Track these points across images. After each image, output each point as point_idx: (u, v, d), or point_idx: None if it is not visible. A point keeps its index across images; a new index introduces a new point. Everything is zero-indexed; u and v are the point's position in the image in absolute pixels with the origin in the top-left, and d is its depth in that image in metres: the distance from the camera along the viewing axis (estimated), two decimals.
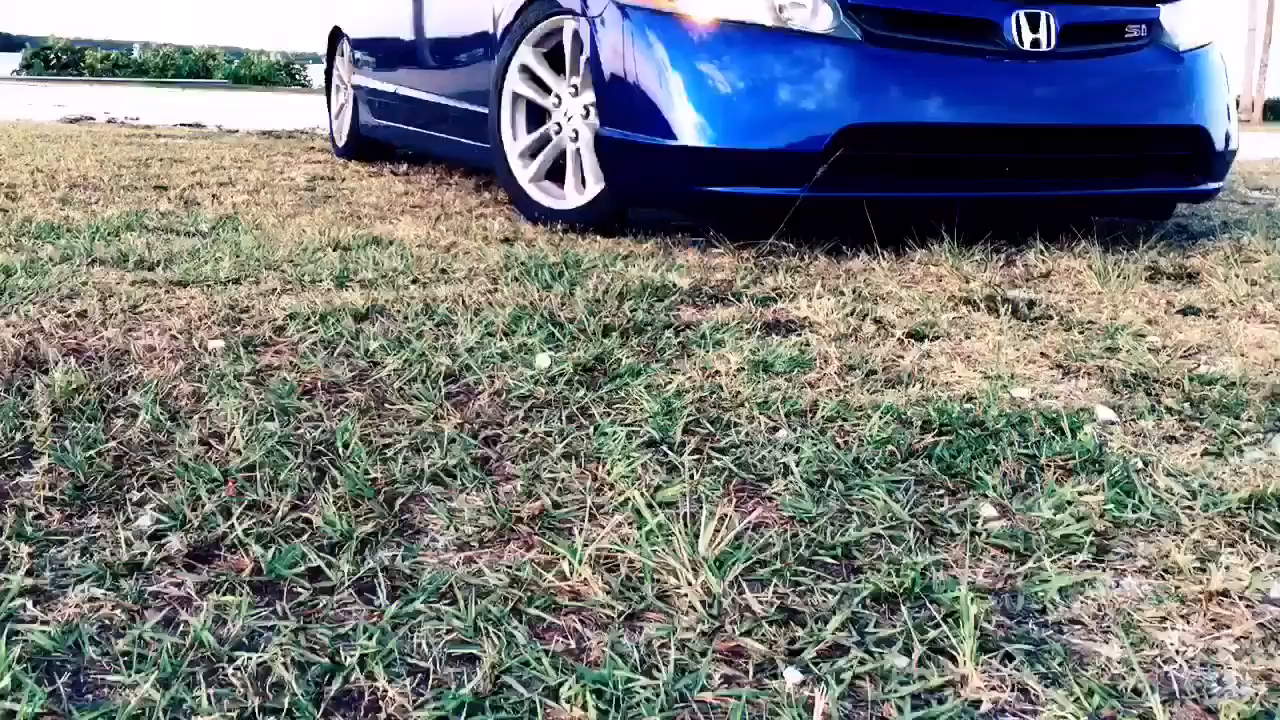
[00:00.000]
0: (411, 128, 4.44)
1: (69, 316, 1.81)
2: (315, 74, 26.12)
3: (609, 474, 1.23)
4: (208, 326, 1.79)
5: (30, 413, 1.34)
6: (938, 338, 1.91)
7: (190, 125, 7.69)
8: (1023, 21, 2.73)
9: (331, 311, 1.92)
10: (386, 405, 1.45)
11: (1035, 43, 2.73)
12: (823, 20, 2.67)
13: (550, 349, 1.74)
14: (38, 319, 1.78)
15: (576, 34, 3.01)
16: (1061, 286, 2.41)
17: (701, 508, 1.14)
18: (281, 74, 26.35)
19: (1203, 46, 3.02)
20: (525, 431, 1.37)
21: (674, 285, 2.27)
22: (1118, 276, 2.46)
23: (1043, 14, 2.75)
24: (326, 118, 6.14)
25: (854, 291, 2.29)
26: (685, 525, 1.07)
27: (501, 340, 1.77)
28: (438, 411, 1.42)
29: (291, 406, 1.41)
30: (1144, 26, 2.93)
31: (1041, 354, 1.81)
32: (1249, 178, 5.91)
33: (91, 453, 1.22)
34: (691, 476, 1.23)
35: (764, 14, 2.68)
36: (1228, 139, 3.00)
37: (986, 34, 2.73)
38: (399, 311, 1.95)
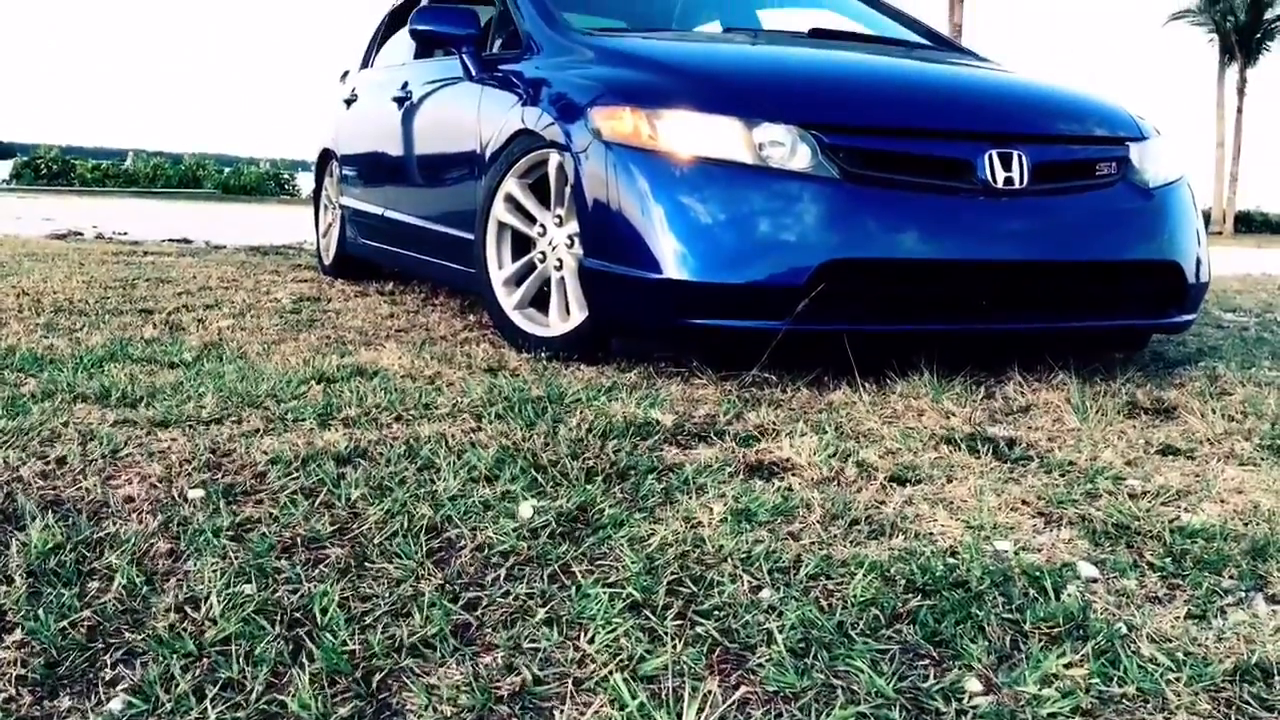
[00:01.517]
0: (397, 249, 4.50)
1: (49, 463, 1.80)
2: (304, 182, 26.51)
3: (591, 643, 1.22)
4: (188, 474, 1.78)
5: (5, 577, 1.33)
6: (920, 481, 1.92)
7: (178, 241, 7.76)
8: (995, 160, 2.80)
9: (314, 455, 1.91)
10: (366, 565, 1.43)
11: (1008, 180, 2.80)
12: (801, 159, 2.74)
13: (533, 496, 1.74)
14: (17, 466, 1.77)
15: (561, 167, 3.08)
16: (1041, 422, 2.43)
17: (684, 682, 1.12)
18: (270, 183, 26.72)
19: (1172, 182, 3.11)
20: (507, 594, 1.36)
21: (657, 422, 2.28)
22: (1096, 411, 2.49)
23: (1014, 153, 2.82)
24: (314, 233, 6.21)
25: (836, 428, 2.30)
26: (668, 706, 1.06)
27: (484, 487, 1.77)
28: (418, 571, 1.41)
29: (270, 567, 1.40)
30: (1113, 164, 3.01)
31: (1023, 501, 1.81)
32: (1222, 297, 6.01)
33: (65, 623, 1.20)
34: (674, 646, 1.22)
35: (744, 153, 2.75)
36: (1199, 272, 3.06)
37: (961, 172, 2.80)
38: (381, 454, 1.95)
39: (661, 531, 1.58)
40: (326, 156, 5.77)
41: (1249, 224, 37.70)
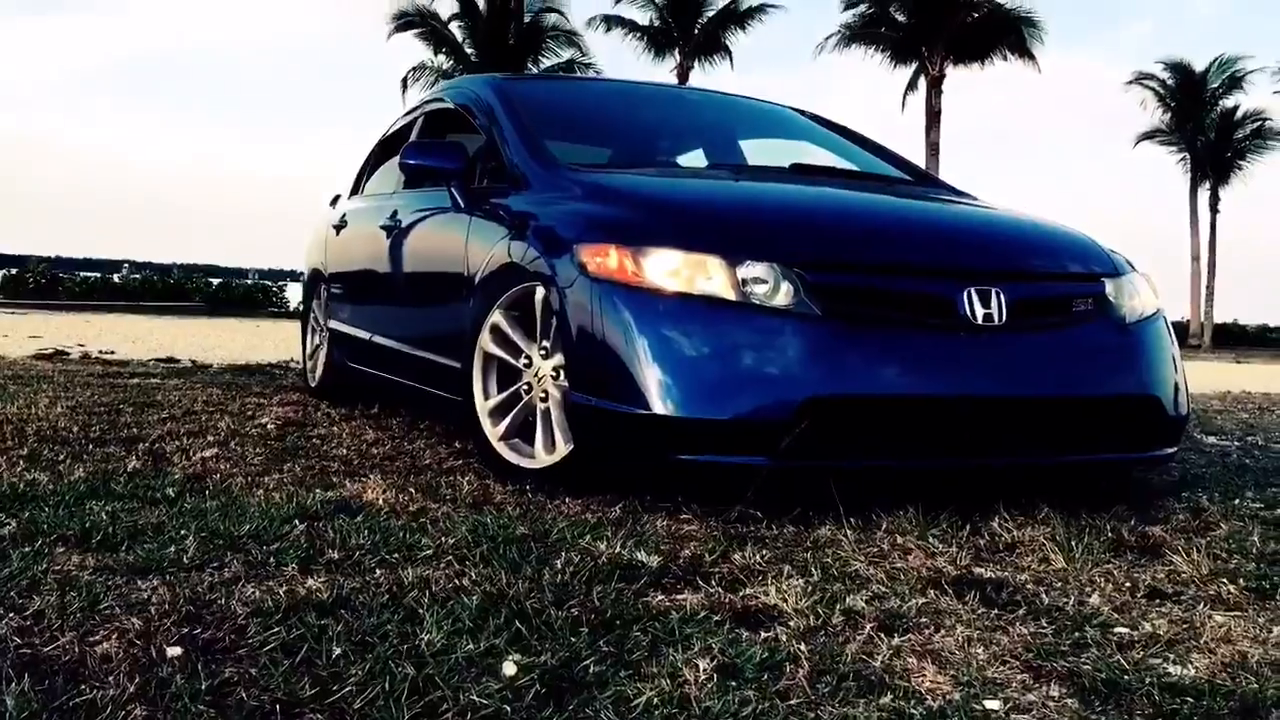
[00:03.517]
0: (384, 374, 4.53)
1: (26, 618, 1.78)
2: (292, 293, 26.72)
3: None
4: (167, 629, 1.75)
5: None
6: (907, 631, 1.91)
7: (164, 360, 7.77)
8: (974, 297, 2.86)
9: (295, 605, 1.89)
10: None
11: (987, 317, 2.85)
12: (784, 296, 2.79)
13: (517, 650, 1.72)
14: None
15: (547, 300, 3.12)
16: (1027, 562, 2.43)
17: None
18: (258, 295, 26.90)
19: (1149, 317, 3.16)
20: None
21: (642, 565, 2.26)
22: (1082, 550, 2.49)
23: (992, 290, 2.88)
24: (300, 353, 6.24)
25: (822, 569, 2.29)
26: None
27: (468, 641, 1.75)
28: None
29: None
30: (1090, 300, 3.07)
31: (1011, 653, 1.80)
32: (1203, 418, 6.06)
33: None
34: None
35: (728, 290, 2.79)
36: (1179, 405, 3.09)
37: (941, 309, 2.84)
38: (363, 604, 1.93)
39: (647, 692, 1.56)
40: (316, 279, 5.83)
41: (1227, 336, 38.22)
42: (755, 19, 31.99)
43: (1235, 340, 38.54)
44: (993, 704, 1.57)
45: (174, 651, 1.65)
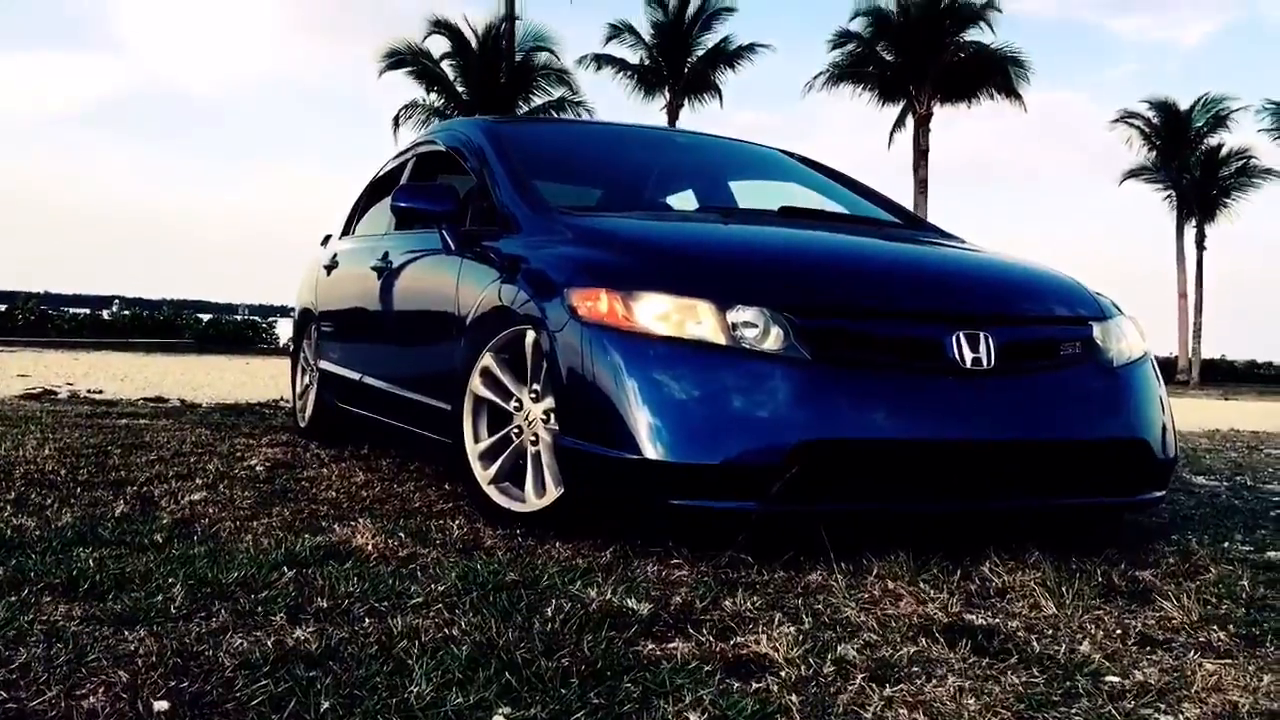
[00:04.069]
0: (375, 415, 4.52)
1: (12, 671, 1.76)
2: (282, 329, 26.71)
3: None
4: (154, 681, 1.74)
5: None
6: (899, 681, 1.90)
7: (152, 400, 7.74)
8: (963, 341, 2.87)
9: (283, 656, 1.88)
10: None
11: (976, 361, 2.86)
12: (774, 341, 2.80)
13: (507, 703, 1.71)
14: None
15: (537, 343, 3.12)
16: (1018, 608, 2.43)
17: None
18: (248, 332, 26.86)
19: (1137, 360, 3.18)
20: None
21: (632, 612, 2.26)
22: (1073, 596, 2.49)
23: (981, 334, 2.89)
24: (290, 392, 6.22)
25: (813, 616, 2.28)
26: None
27: (457, 694, 1.74)
28: None
29: None
30: (1078, 344, 3.09)
31: (1003, 704, 1.79)
32: (1192, 457, 6.08)
33: None
34: None
35: (718, 335, 2.80)
36: (1166, 448, 3.11)
37: (931, 353, 2.86)
38: (352, 655, 1.92)
39: None
40: (305, 318, 5.83)
41: (1216, 372, 38.41)
42: (745, 58, 32.26)
43: (1224, 376, 38.74)
44: None
45: (161, 706, 1.64)
